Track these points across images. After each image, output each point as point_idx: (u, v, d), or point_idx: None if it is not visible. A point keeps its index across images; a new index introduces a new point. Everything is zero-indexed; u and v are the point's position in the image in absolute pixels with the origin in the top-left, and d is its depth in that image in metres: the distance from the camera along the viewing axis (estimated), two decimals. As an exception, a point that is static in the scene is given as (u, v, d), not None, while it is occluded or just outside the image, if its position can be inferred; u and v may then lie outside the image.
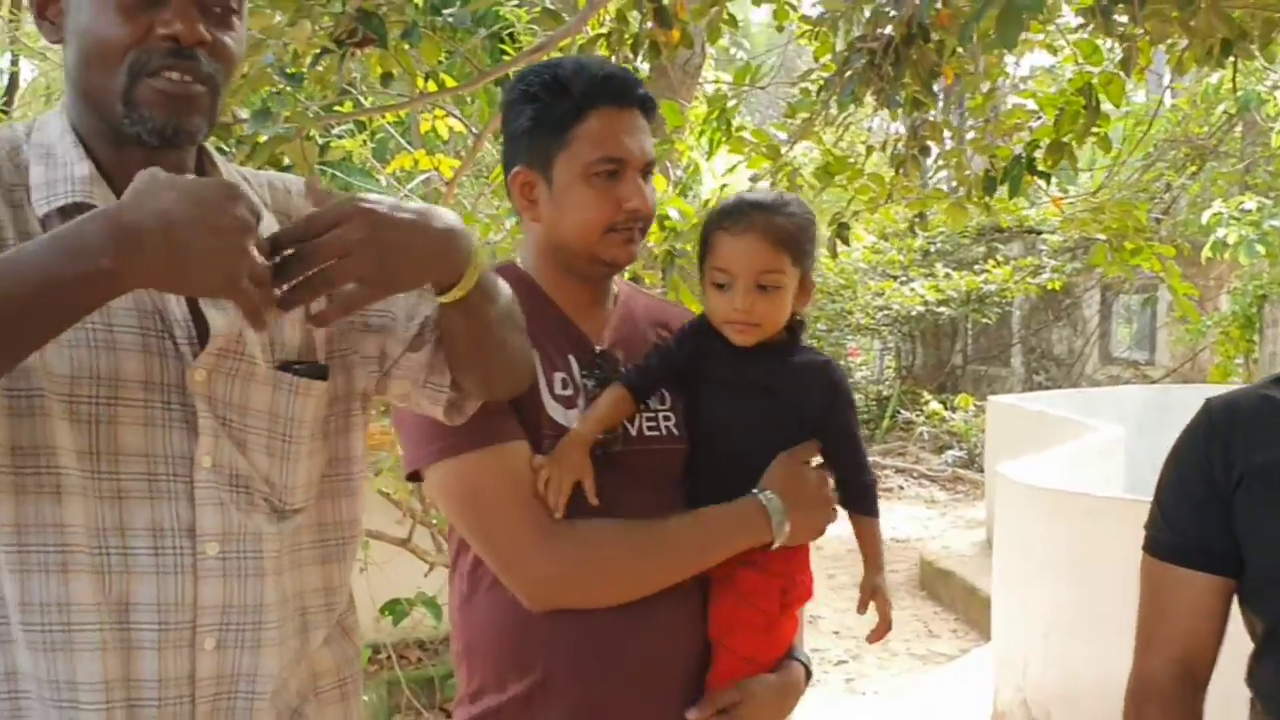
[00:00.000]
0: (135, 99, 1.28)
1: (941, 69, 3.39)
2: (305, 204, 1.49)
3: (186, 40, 1.27)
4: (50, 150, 1.32)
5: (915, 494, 11.38)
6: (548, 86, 1.76)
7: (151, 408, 1.30)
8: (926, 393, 14.23)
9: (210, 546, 1.32)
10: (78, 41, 1.31)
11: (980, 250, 14.23)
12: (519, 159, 1.79)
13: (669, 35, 3.21)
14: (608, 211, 1.74)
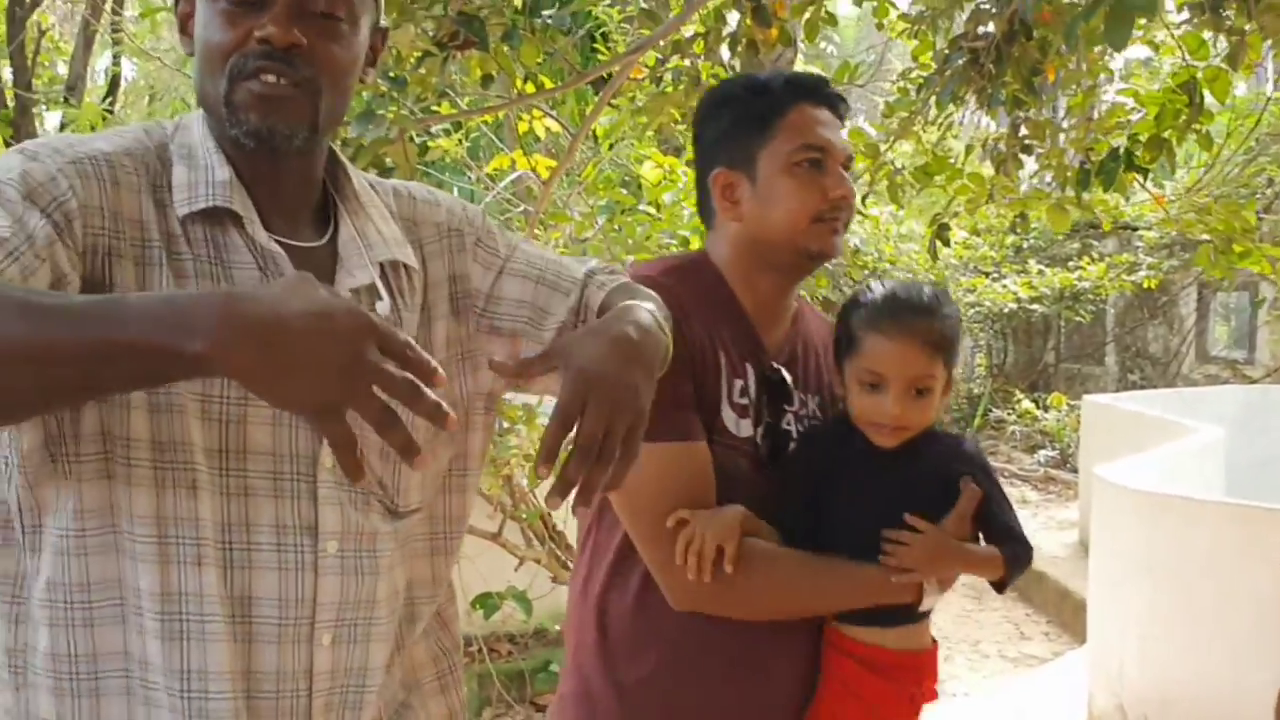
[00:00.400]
0: (234, 101, 1.31)
1: (1044, 67, 3.35)
2: (428, 209, 1.53)
3: (278, 42, 1.29)
4: (192, 152, 1.36)
5: (1007, 494, 11.21)
6: (747, 88, 1.81)
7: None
8: (1018, 391, 14.03)
9: (330, 544, 1.35)
10: (197, 51, 1.35)
11: (1074, 247, 13.99)
12: (717, 161, 1.82)
13: (767, 34, 3.21)
14: (814, 201, 1.75)
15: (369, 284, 1.41)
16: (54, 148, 1.28)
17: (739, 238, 1.82)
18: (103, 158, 1.29)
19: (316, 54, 1.32)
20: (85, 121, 9.09)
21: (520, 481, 4.77)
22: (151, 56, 9.79)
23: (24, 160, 1.25)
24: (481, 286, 1.53)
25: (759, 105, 1.78)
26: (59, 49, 12.63)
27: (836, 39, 14.83)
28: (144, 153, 1.34)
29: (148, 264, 1.28)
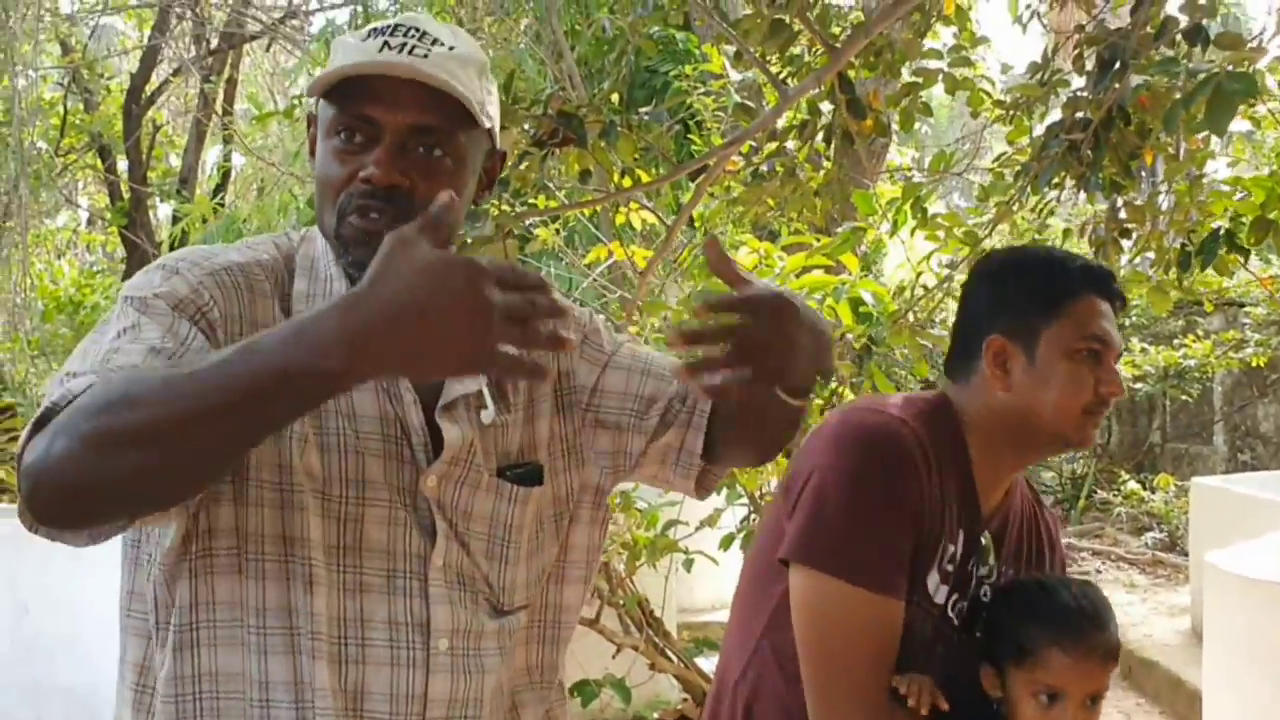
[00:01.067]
0: (341, 235, 1.37)
1: (1142, 151, 3.33)
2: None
3: (378, 182, 1.34)
4: (314, 264, 1.44)
5: (1114, 578, 10.91)
6: (1044, 263, 1.83)
7: (394, 508, 1.38)
8: (1124, 472, 13.70)
9: (441, 642, 1.39)
10: (315, 180, 1.42)
11: (1178, 324, 13.70)
12: (995, 326, 1.81)
13: (862, 125, 3.24)
14: (1087, 392, 1.76)
15: (476, 391, 1.45)
16: (192, 261, 1.36)
17: (999, 407, 1.81)
18: (237, 268, 1.37)
19: (419, 193, 1.35)
20: (197, 214, 9.44)
21: (618, 567, 4.77)
22: (259, 154, 10.13)
23: (165, 275, 1.34)
24: (587, 382, 1.56)
25: (1052, 284, 1.79)
26: (173, 144, 13.13)
27: (932, 122, 14.84)
28: (272, 262, 1.42)
29: None
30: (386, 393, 1.40)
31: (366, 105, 1.35)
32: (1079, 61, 3.27)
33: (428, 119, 1.35)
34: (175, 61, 11.77)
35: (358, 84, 1.35)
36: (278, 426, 1.18)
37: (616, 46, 5.22)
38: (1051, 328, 1.78)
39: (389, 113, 1.34)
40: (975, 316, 1.85)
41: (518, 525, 1.48)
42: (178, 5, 10.69)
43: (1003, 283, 1.84)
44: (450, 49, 1.37)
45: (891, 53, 3.40)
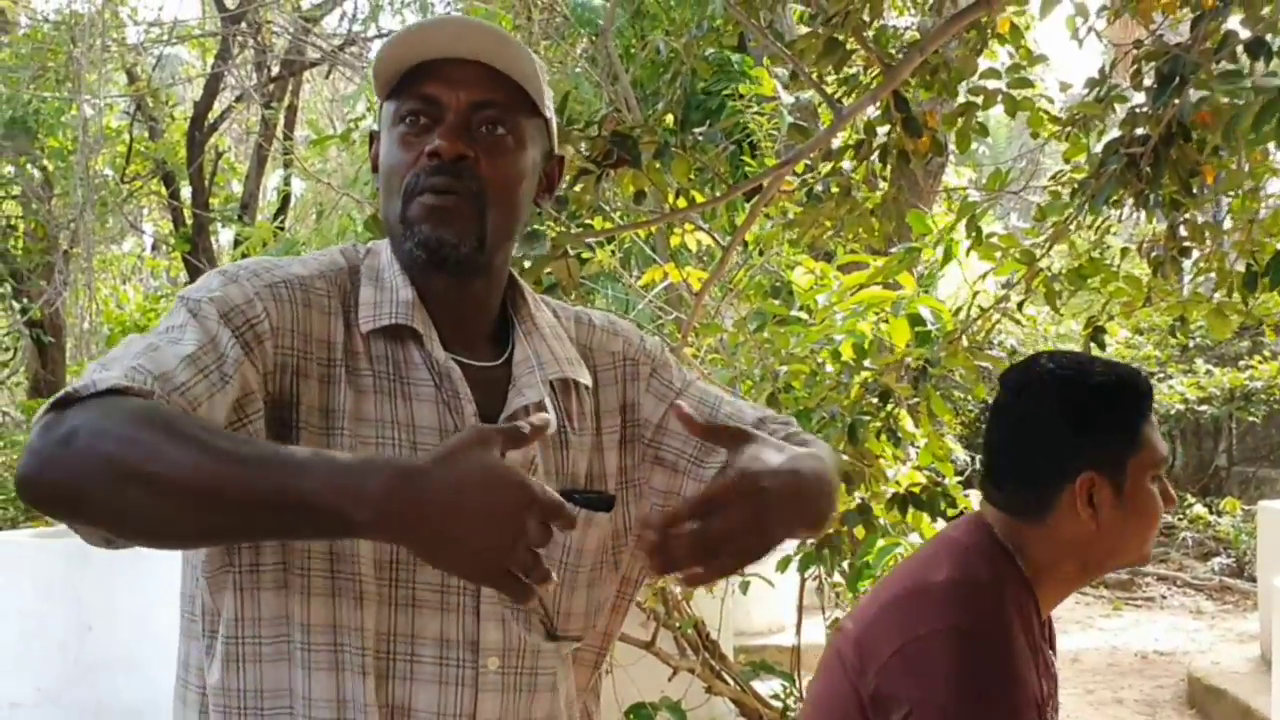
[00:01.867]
0: (408, 217, 1.39)
1: (1202, 168, 3.28)
2: (606, 338, 1.58)
3: (446, 155, 1.36)
4: (379, 274, 1.44)
5: (1179, 604, 10.73)
6: (1122, 387, 1.77)
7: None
8: (1189, 495, 13.46)
9: (491, 661, 1.37)
10: (381, 179, 1.44)
11: (1244, 345, 13.48)
12: (1085, 462, 1.73)
13: (917, 144, 3.22)
14: (1161, 513, 1.76)
15: (538, 400, 1.44)
16: (253, 271, 1.37)
17: (1084, 540, 1.75)
18: (297, 281, 1.38)
19: (483, 167, 1.38)
20: (258, 238, 9.56)
21: (674, 590, 4.75)
22: (319, 178, 10.26)
23: (224, 282, 1.34)
24: (652, 417, 1.55)
25: (1131, 410, 1.75)
26: (234, 170, 13.34)
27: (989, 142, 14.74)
28: (336, 274, 1.42)
29: (331, 381, 1.36)
30: (446, 404, 1.39)
31: (429, 85, 1.38)
32: (1137, 77, 3.23)
33: (490, 94, 1.38)
34: (237, 89, 11.98)
35: (418, 72, 1.38)
36: (277, 538, 1.21)
37: (671, 68, 5.25)
38: (1134, 457, 1.74)
39: (451, 91, 1.37)
40: (1056, 450, 1.75)
41: (578, 549, 1.47)
42: (240, 34, 10.88)
43: (1087, 414, 1.74)
44: (495, 37, 1.40)
45: (947, 71, 3.38)
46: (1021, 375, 1.84)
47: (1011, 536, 1.78)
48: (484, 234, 1.40)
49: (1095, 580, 1.87)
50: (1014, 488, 1.80)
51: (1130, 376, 1.79)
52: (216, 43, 11.33)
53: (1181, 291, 3.88)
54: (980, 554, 1.76)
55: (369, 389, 1.36)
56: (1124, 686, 7.91)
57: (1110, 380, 1.76)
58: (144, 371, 1.19)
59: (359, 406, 1.35)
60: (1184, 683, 7.89)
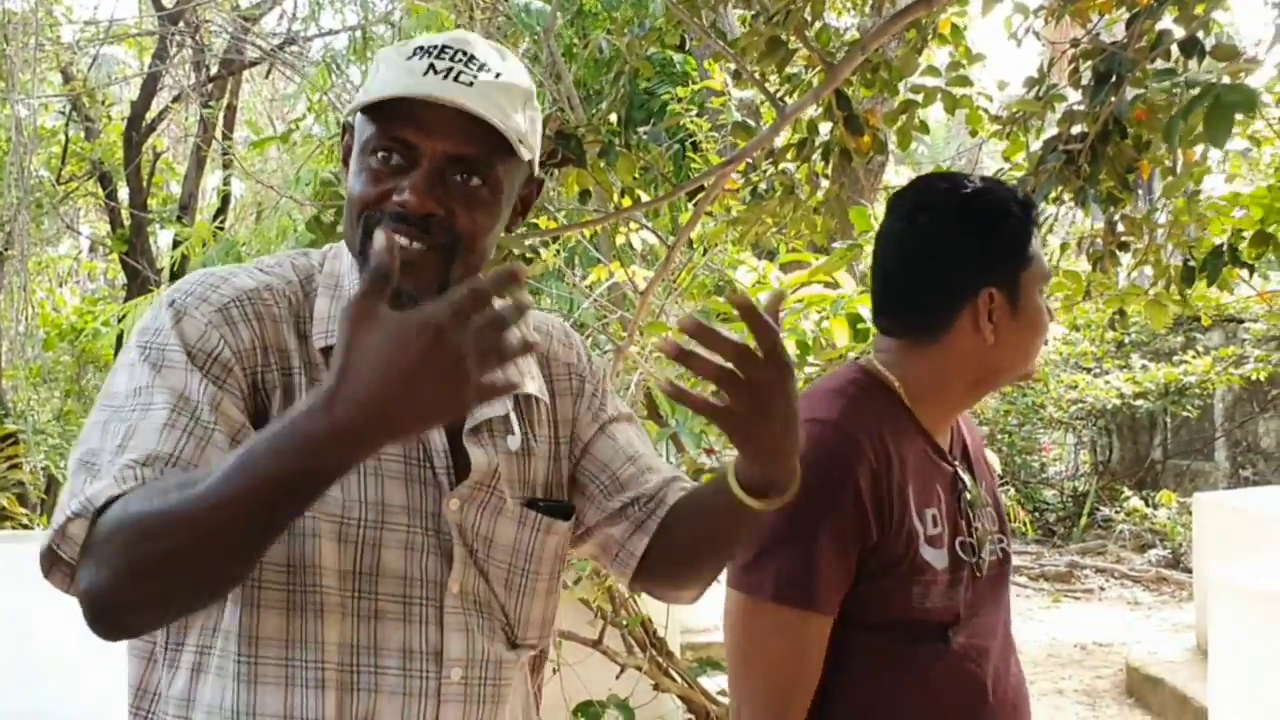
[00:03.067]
0: (367, 253, 1.35)
1: (1139, 164, 3.34)
2: (563, 349, 1.59)
3: (413, 210, 1.32)
4: (339, 282, 1.42)
5: (1117, 595, 10.89)
6: (1014, 204, 1.77)
7: (412, 532, 1.37)
8: (1125, 489, 13.68)
9: (454, 671, 1.37)
10: (346, 194, 1.41)
11: (1178, 340, 13.71)
12: (986, 278, 1.74)
13: (859, 142, 3.25)
14: (1047, 329, 1.78)
15: (503, 415, 1.45)
16: (200, 297, 1.34)
17: (974, 357, 1.76)
18: (245, 297, 1.35)
19: (457, 220, 1.34)
20: (197, 238, 9.45)
21: (621, 588, 4.76)
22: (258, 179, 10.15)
23: (174, 318, 1.32)
24: (582, 436, 1.56)
25: (1026, 225, 1.76)
26: (172, 171, 13.16)
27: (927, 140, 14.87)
28: (286, 285, 1.40)
29: (291, 391, 1.35)
30: None
31: (406, 129, 1.32)
32: (1074, 76, 3.28)
33: (467, 149, 1.33)
34: (175, 89, 11.82)
35: (399, 104, 1.33)
36: (293, 519, 1.19)
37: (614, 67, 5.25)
38: (1026, 270, 1.75)
39: (428, 139, 1.32)
40: (958, 267, 1.74)
41: (539, 556, 1.47)
42: (178, 33, 10.74)
43: (987, 231, 1.74)
44: (497, 75, 1.35)
45: (888, 70, 3.41)
46: (916, 197, 1.83)
47: (897, 364, 1.79)
48: (447, 282, 1.35)
49: (982, 397, 1.86)
50: (909, 311, 1.79)
51: (1018, 194, 1.81)
52: (154, 42, 11.18)
53: (1118, 285, 3.94)
54: (853, 391, 1.76)
55: None
56: (1064, 677, 8.02)
57: (1003, 197, 1.78)
58: (131, 467, 1.20)
59: None
60: (1122, 672, 8.01)
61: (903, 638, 1.69)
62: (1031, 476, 15.00)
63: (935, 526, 1.71)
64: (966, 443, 1.89)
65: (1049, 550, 12.75)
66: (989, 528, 1.82)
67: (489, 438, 1.44)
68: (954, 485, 1.78)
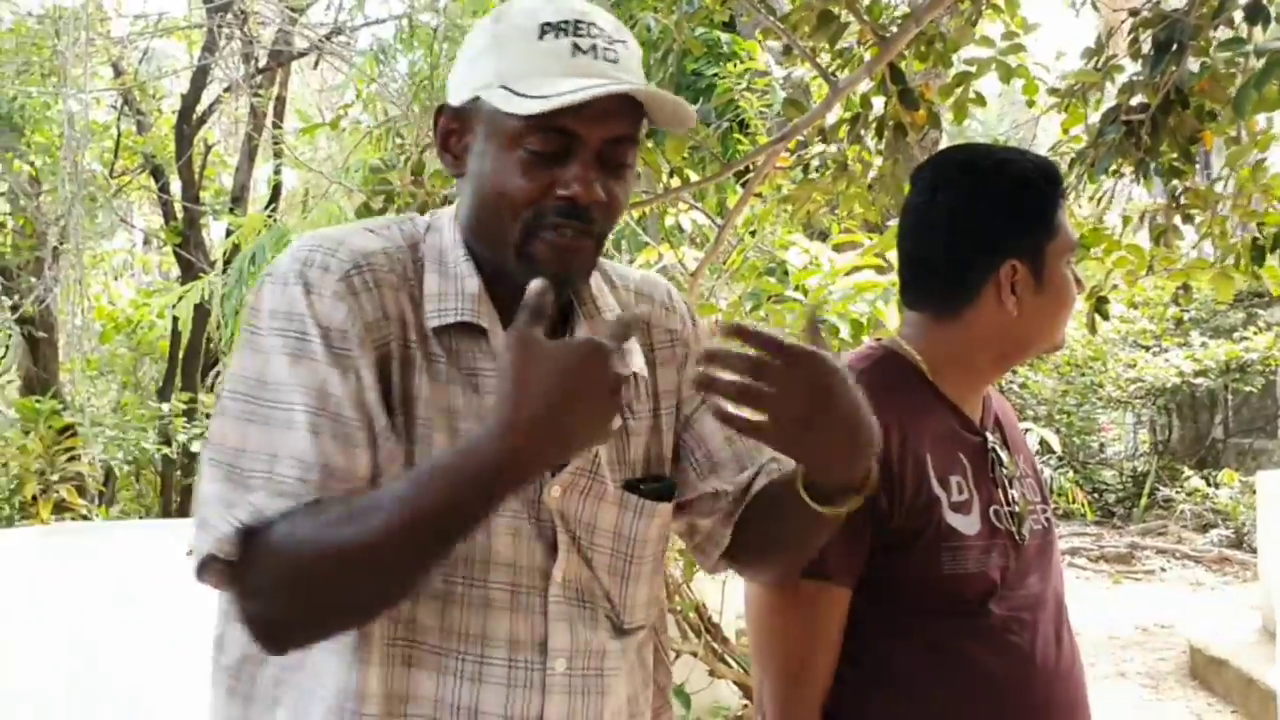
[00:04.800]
0: (529, 253, 1.32)
1: (1201, 135, 3.25)
2: (664, 314, 1.56)
3: (583, 202, 1.30)
4: (443, 257, 1.38)
5: (1179, 576, 10.74)
6: (1038, 175, 1.74)
7: (518, 519, 1.34)
8: (1186, 468, 13.49)
9: (559, 663, 1.35)
10: (477, 184, 1.36)
11: (1239, 317, 13.48)
12: (1008, 250, 1.72)
13: (914, 116, 3.19)
14: (1073, 300, 1.76)
15: None
16: (322, 266, 1.31)
17: (998, 329, 1.74)
18: (365, 263, 1.33)
19: (610, 206, 1.33)
20: (249, 229, 9.52)
21: (675, 574, 4.73)
22: (308, 167, 10.21)
23: (304, 295, 1.29)
24: (685, 406, 1.53)
25: (1050, 197, 1.73)
26: (224, 163, 13.28)
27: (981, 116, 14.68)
28: (398, 250, 1.37)
29: (408, 363, 1.32)
30: None
31: (566, 118, 1.28)
32: (1134, 45, 3.19)
33: (625, 129, 1.32)
34: (225, 81, 11.91)
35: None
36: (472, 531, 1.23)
37: (661, 47, 5.20)
38: (1052, 242, 1.73)
39: (590, 127, 1.29)
40: (979, 240, 1.73)
41: (642, 540, 1.44)
42: (226, 25, 10.81)
43: (1007, 203, 1.73)
44: (626, 44, 1.34)
45: (943, 42, 3.34)
46: (935, 171, 1.81)
47: (920, 338, 1.79)
48: (594, 266, 1.40)
49: (1006, 371, 1.85)
50: (932, 286, 1.79)
51: (1044, 164, 1.78)
52: (203, 34, 11.26)
53: (1181, 259, 3.85)
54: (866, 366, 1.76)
55: (441, 378, 1.33)
56: (1126, 660, 7.91)
57: (1027, 168, 1.75)
58: (286, 480, 1.23)
59: (435, 394, 1.32)
60: (1185, 654, 7.90)
61: (940, 607, 1.67)
62: (1090, 457, 14.84)
63: (961, 493, 1.70)
64: (998, 416, 1.87)
65: (1109, 532, 12.61)
66: (1030, 498, 1.80)
67: None
68: (984, 455, 1.76)
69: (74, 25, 9.59)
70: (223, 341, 8.54)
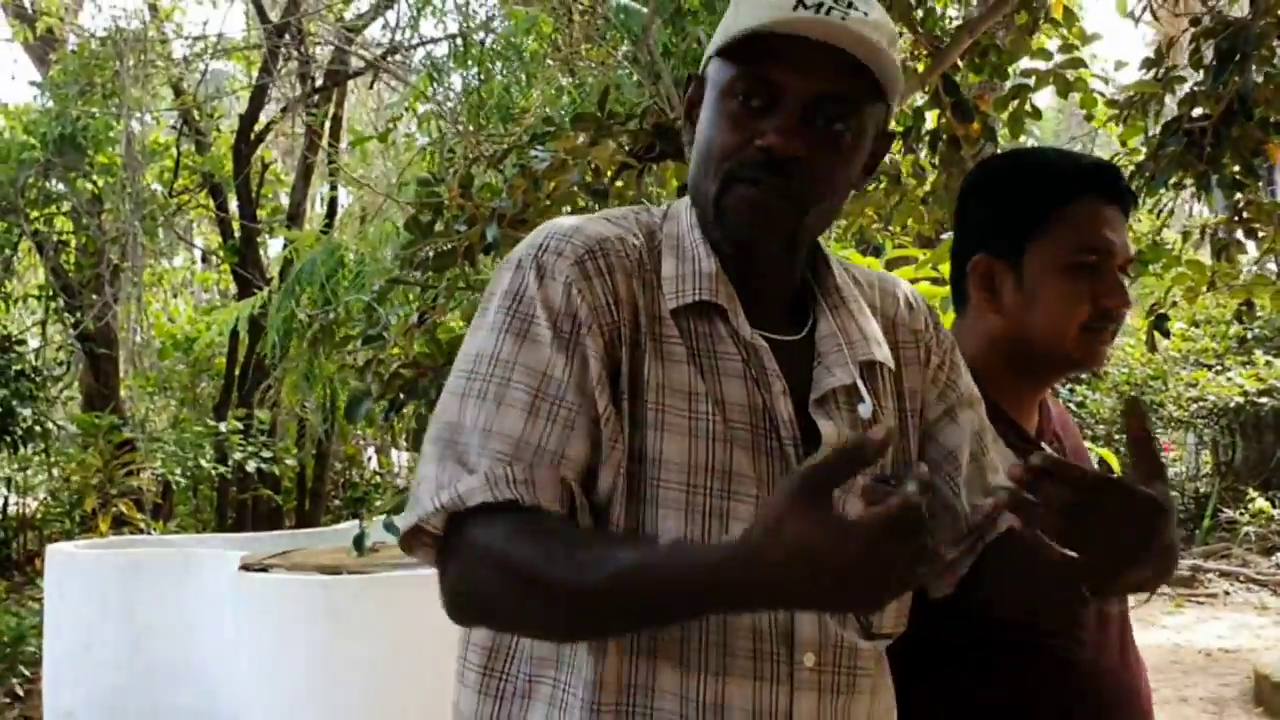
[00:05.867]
0: (723, 206, 1.30)
1: (1265, 146, 3.18)
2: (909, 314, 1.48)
3: (778, 151, 1.26)
4: (680, 242, 1.36)
5: (1243, 600, 10.53)
6: (1027, 168, 1.69)
7: (762, 504, 1.27)
8: (1250, 489, 13.23)
9: (808, 657, 1.28)
10: (697, 145, 1.35)
11: (1305, 334, 13.24)
12: (980, 245, 1.70)
13: (968, 129, 3.14)
14: (1085, 308, 1.64)
15: (850, 384, 1.36)
16: (556, 251, 1.30)
17: (995, 332, 1.70)
18: (598, 248, 1.31)
19: (815, 168, 1.28)
20: (304, 245, 9.61)
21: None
22: (363, 184, 10.29)
23: (536, 277, 1.29)
24: (928, 415, 1.47)
25: (1038, 191, 1.66)
26: (280, 182, 13.43)
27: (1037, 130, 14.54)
28: (633, 237, 1.35)
29: (639, 348, 1.29)
30: (755, 380, 1.31)
31: (772, 66, 1.26)
32: (1195, 55, 3.14)
33: (838, 88, 1.26)
34: (282, 101, 12.05)
35: (765, 41, 1.26)
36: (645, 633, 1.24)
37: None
38: (1039, 240, 1.65)
39: (797, 77, 1.26)
40: (960, 238, 1.73)
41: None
42: (283, 46, 10.94)
43: (986, 196, 1.70)
44: (866, 15, 1.27)
45: (998, 53, 3.30)
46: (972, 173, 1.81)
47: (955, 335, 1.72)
48: (797, 235, 1.33)
49: (1042, 381, 1.73)
50: (951, 286, 1.78)
51: (1055, 157, 1.70)
52: (261, 55, 11.40)
53: (1243, 275, 3.78)
54: None
55: (679, 359, 1.29)
56: (1188, 685, 7.75)
57: (1027, 162, 1.70)
58: (502, 461, 1.21)
59: (669, 377, 1.28)
60: (1250, 680, 7.73)
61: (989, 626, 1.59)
62: (1150, 478, 14.59)
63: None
64: (1058, 429, 1.80)
65: (1170, 554, 12.40)
66: None
67: (836, 409, 1.35)
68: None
69: (135, 47, 9.75)
70: (272, 356, 8.59)
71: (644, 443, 1.26)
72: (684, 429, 1.26)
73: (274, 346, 8.48)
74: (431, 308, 3.43)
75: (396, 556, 5.20)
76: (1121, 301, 1.65)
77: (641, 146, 3.01)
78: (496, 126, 7.52)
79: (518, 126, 7.11)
